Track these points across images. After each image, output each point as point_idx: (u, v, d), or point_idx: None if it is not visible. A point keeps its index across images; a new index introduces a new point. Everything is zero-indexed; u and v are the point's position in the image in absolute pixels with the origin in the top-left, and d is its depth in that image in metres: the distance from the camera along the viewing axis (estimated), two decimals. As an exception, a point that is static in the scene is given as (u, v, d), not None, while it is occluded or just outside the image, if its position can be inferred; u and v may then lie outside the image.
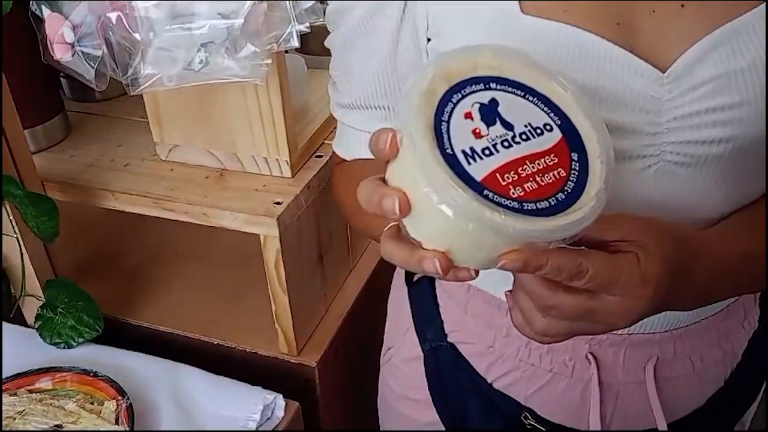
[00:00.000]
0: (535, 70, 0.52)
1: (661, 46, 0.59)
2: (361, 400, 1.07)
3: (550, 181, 0.48)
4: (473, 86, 0.49)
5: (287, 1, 0.79)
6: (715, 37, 0.58)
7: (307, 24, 0.82)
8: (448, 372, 0.83)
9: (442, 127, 0.47)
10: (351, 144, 0.77)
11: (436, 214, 0.47)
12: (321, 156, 0.98)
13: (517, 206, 0.46)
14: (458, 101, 0.48)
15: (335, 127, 0.80)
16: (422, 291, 0.84)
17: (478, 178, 0.46)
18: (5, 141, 0.92)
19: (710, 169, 0.62)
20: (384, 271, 0.96)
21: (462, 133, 0.47)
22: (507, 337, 0.76)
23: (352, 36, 0.70)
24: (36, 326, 0.99)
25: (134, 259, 1.23)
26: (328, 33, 0.74)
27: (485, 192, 0.46)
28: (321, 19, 0.82)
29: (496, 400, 0.80)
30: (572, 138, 0.50)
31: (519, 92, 0.51)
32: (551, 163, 0.48)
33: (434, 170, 0.45)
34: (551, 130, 0.50)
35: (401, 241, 0.50)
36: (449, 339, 0.82)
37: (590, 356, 0.73)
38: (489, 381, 0.79)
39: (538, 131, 0.49)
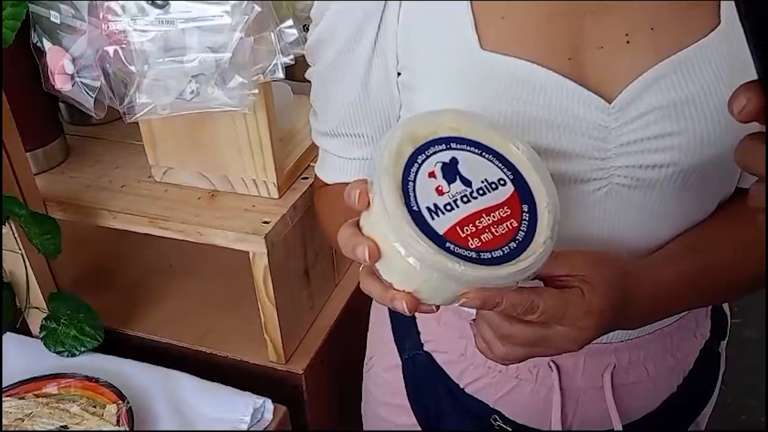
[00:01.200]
0: (492, 130, 0.57)
1: (609, 79, 0.64)
2: (346, 404, 1.12)
3: (504, 231, 0.54)
4: (436, 146, 0.55)
5: (272, 35, 0.85)
6: (657, 70, 0.62)
7: (292, 56, 0.86)
8: (424, 378, 0.88)
9: (409, 186, 0.53)
10: (331, 169, 0.82)
11: (403, 263, 0.52)
12: (307, 178, 1.03)
13: (475, 256, 0.52)
14: (423, 161, 0.54)
15: None
16: (400, 303, 0.90)
17: (441, 231, 0.52)
18: (9, 163, 0.97)
19: (657, 191, 0.67)
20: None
21: (426, 190, 0.53)
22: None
23: (328, 69, 0.74)
24: (41, 336, 1.04)
25: (132, 273, 1.27)
26: (311, 64, 0.79)
27: (447, 244, 0.51)
28: (304, 52, 0.88)
29: (468, 404, 0.85)
30: (523, 191, 0.56)
31: (477, 150, 0.56)
32: (504, 215, 0.54)
33: (401, 226, 0.51)
34: (505, 184, 0.55)
35: (376, 279, 0.56)
36: (425, 348, 0.87)
37: (552, 364, 0.79)
38: (461, 386, 0.84)
39: (494, 186, 0.55)
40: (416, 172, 0.53)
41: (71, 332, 1.04)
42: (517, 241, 0.54)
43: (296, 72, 1.03)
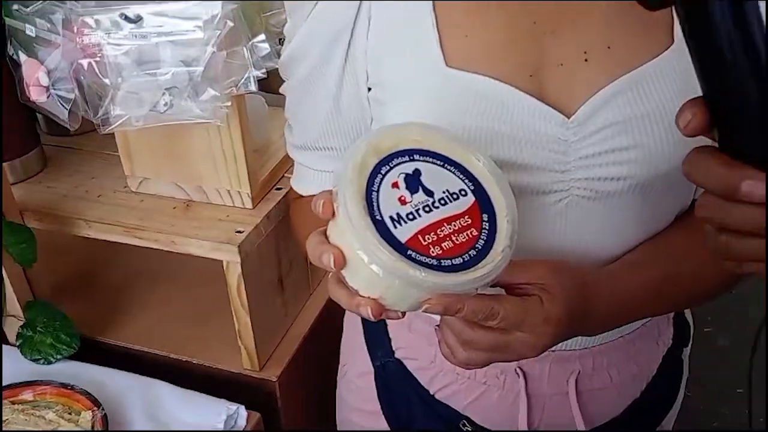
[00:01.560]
0: (454, 143, 0.59)
1: (568, 95, 0.66)
2: (320, 411, 1.14)
3: (464, 240, 0.56)
4: (400, 158, 0.57)
5: (245, 50, 0.87)
6: (614, 87, 0.65)
7: (264, 70, 0.88)
8: (395, 385, 0.90)
9: (372, 196, 0.54)
10: (306, 182, 0.83)
11: (367, 271, 0.54)
12: (281, 188, 1.04)
13: (435, 263, 0.54)
14: (386, 172, 0.56)
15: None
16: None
17: (403, 240, 0.54)
18: None
19: (615, 203, 0.69)
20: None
21: (389, 200, 0.55)
22: (446, 353, 0.83)
23: (301, 85, 0.76)
24: (17, 344, 1.05)
25: (108, 282, 1.28)
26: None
27: (409, 252, 0.53)
28: (276, 65, 0.90)
29: (438, 410, 0.87)
30: (484, 201, 0.58)
31: (439, 162, 0.58)
32: (465, 224, 0.56)
33: (365, 235, 0.53)
34: (466, 194, 0.57)
35: (343, 287, 0.58)
36: (396, 355, 0.89)
37: (519, 370, 0.81)
38: (432, 392, 0.86)
39: (455, 196, 0.57)
40: (380, 183, 0.55)
41: (47, 340, 1.05)
42: (476, 249, 0.56)
43: (272, 84, 1.05)
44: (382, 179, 0.56)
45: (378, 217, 0.54)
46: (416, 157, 0.58)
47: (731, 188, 0.43)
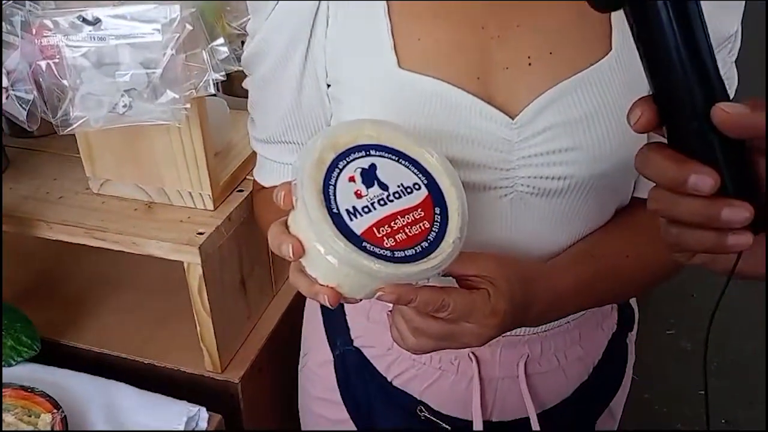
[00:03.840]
0: (408, 139, 0.62)
1: (513, 97, 0.70)
2: (283, 412, 1.15)
3: (417, 232, 0.58)
4: (356, 153, 0.59)
5: (204, 53, 0.88)
6: (556, 91, 0.68)
7: (223, 72, 0.89)
8: (354, 373, 0.92)
9: (330, 190, 0.57)
10: (268, 173, 0.86)
11: (324, 261, 0.57)
12: (242, 190, 1.06)
13: (389, 254, 0.56)
14: (344, 167, 0.58)
15: (256, 164, 0.88)
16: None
17: (359, 232, 0.56)
18: None
19: (557, 200, 0.73)
20: (304, 298, 1.04)
21: (346, 194, 0.57)
22: (402, 341, 0.85)
23: (264, 80, 0.78)
24: (-24, 347, 1.04)
25: (70, 284, 1.28)
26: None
27: (364, 244, 0.56)
28: (235, 68, 0.91)
29: (395, 396, 0.89)
30: (436, 195, 0.61)
31: (394, 157, 0.61)
32: (418, 217, 0.59)
33: (321, 227, 0.55)
34: (419, 188, 0.60)
35: (303, 275, 0.61)
36: (355, 344, 0.91)
37: (472, 355, 0.84)
38: (389, 379, 0.89)
39: (409, 190, 0.60)
40: (337, 177, 0.58)
41: (8, 342, 1.04)
42: (428, 241, 0.58)
43: (234, 87, 1.05)
44: (339, 174, 0.58)
45: (335, 210, 0.56)
46: (372, 152, 0.60)
47: (679, 182, 0.45)
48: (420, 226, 0.59)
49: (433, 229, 0.59)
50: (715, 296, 0.51)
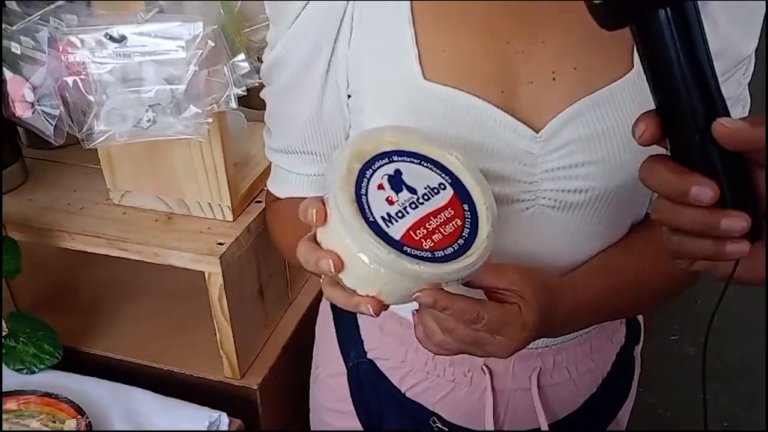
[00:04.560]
0: (427, 142, 0.63)
1: (536, 111, 0.70)
2: (300, 417, 1.16)
3: (451, 230, 0.60)
4: (380, 161, 0.61)
5: (225, 68, 0.90)
6: (578, 106, 0.69)
7: (244, 87, 0.92)
8: (368, 384, 0.94)
9: (362, 199, 0.58)
10: (284, 184, 0.86)
11: (367, 269, 0.58)
12: (260, 201, 1.07)
13: (430, 256, 0.58)
14: (371, 176, 0.59)
15: None
16: (345, 316, 0.95)
17: (398, 237, 0.57)
18: None
19: (577, 213, 0.74)
20: (320, 304, 1.07)
21: (378, 202, 0.58)
22: (416, 352, 0.87)
23: (284, 90, 0.78)
24: (0, 355, 1.07)
25: (90, 292, 1.30)
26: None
27: (404, 248, 0.57)
28: (256, 82, 0.93)
29: (408, 407, 0.91)
30: (462, 192, 0.62)
31: (416, 161, 0.62)
32: (449, 216, 0.60)
33: (362, 237, 0.56)
34: (445, 188, 0.61)
35: (339, 288, 0.62)
36: (369, 356, 0.93)
37: (485, 367, 0.85)
38: (402, 390, 0.90)
39: (435, 191, 0.61)
40: (366, 186, 0.59)
41: (30, 350, 1.07)
42: (463, 238, 0.60)
43: (251, 100, 1.07)
44: (368, 183, 0.59)
45: (371, 219, 0.57)
46: (395, 158, 0.61)
47: (681, 193, 0.48)
48: (453, 224, 0.60)
49: (466, 225, 0.60)
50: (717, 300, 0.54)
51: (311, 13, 0.72)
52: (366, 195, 0.58)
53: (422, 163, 0.62)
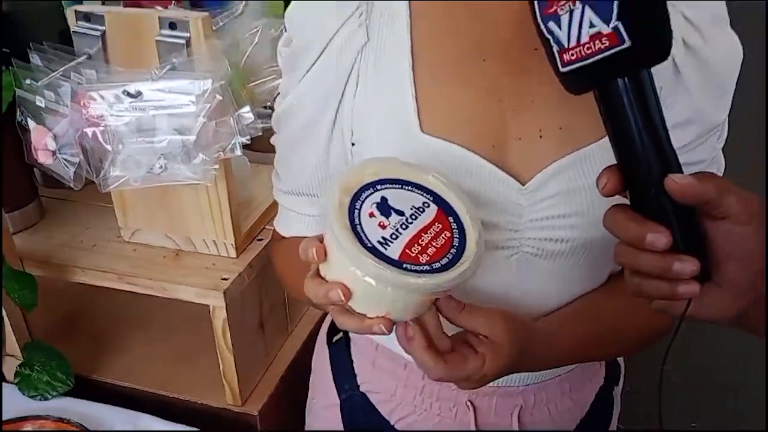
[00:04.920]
0: (406, 167, 0.69)
1: (524, 165, 0.75)
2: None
3: (443, 242, 0.65)
4: (366, 191, 0.66)
5: (232, 119, 0.98)
6: (562, 162, 0.75)
7: (249, 136, 0.99)
8: (360, 416, 0.99)
9: (357, 228, 0.63)
10: (290, 224, 0.90)
11: (374, 291, 0.63)
12: (261, 239, 1.15)
13: (429, 269, 0.62)
14: (361, 206, 0.65)
15: (275, 215, 0.93)
16: (340, 350, 1.01)
17: (396, 257, 0.62)
18: None
19: (559, 261, 0.79)
20: (317, 336, 1.13)
21: (372, 229, 0.63)
22: (405, 387, 0.92)
23: (293, 138, 0.83)
24: (15, 381, 1.13)
25: (101, 323, 1.37)
26: (269, 136, 0.88)
27: (404, 265, 0.62)
28: (260, 132, 1.01)
29: None
30: (445, 207, 0.67)
31: (398, 186, 0.67)
32: (438, 230, 0.65)
33: (365, 262, 0.61)
34: (429, 206, 0.67)
35: (349, 315, 0.67)
36: (361, 389, 0.98)
37: (469, 403, 0.91)
38: (392, 423, 0.96)
39: (421, 209, 0.66)
40: (359, 217, 0.64)
41: (44, 378, 1.13)
42: (455, 248, 0.65)
43: (255, 143, 1.15)
44: (359, 213, 0.64)
45: (369, 245, 0.62)
46: (378, 187, 0.67)
47: (639, 239, 0.55)
48: (443, 237, 0.65)
49: (455, 236, 0.65)
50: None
51: (322, 67, 0.77)
52: (360, 224, 0.63)
53: (404, 187, 0.67)
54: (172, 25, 0.93)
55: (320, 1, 0.77)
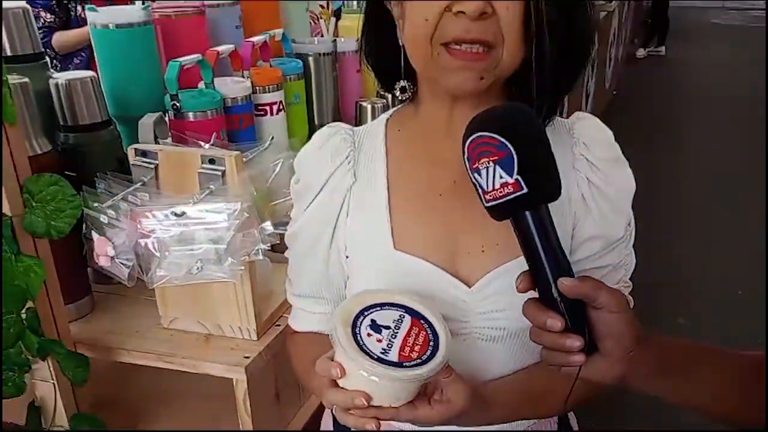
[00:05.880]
0: (380, 293, 0.89)
1: (471, 272, 0.96)
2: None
3: (423, 339, 0.85)
4: (359, 319, 0.86)
5: (256, 231, 1.22)
6: (498, 271, 0.95)
7: (270, 244, 1.23)
8: None
9: (364, 348, 0.83)
10: (301, 321, 1.10)
11: (390, 390, 0.83)
12: (279, 325, 1.37)
13: (420, 361, 0.83)
14: (359, 331, 0.84)
15: (290, 305, 1.11)
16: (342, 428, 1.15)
17: (396, 359, 0.82)
18: (52, 316, 1.28)
19: (500, 343, 0.99)
20: (324, 408, 1.25)
21: (373, 345, 0.83)
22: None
23: (301, 254, 1.05)
24: (65, 450, 1.32)
25: (137, 396, 1.56)
26: (286, 243, 1.09)
27: (404, 364, 0.82)
28: (277, 240, 1.23)
29: None
30: (415, 314, 0.88)
31: (378, 308, 0.88)
32: (417, 332, 0.85)
33: (380, 370, 0.79)
34: (404, 317, 0.87)
35: (366, 412, 0.83)
36: None
37: None
38: None
39: (400, 321, 0.87)
40: (361, 338, 0.84)
41: (90, 445, 1.33)
42: (434, 342, 0.85)
43: (275, 247, 1.36)
44: (360, 335, 0.84)
45: (375, 357, 0.82)
46: (365, 313, 0.87)
47: (542, 323, 0.77)
48: (422, 336, 0.84)
49: (430, 334, 0.85)
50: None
51: (321, 202, 1.01)
52: (364, 344, 0.83)
53: (383, 308, 0.88)
54: (212, 161, 1.18)
55: (319, 151, 1.02)
